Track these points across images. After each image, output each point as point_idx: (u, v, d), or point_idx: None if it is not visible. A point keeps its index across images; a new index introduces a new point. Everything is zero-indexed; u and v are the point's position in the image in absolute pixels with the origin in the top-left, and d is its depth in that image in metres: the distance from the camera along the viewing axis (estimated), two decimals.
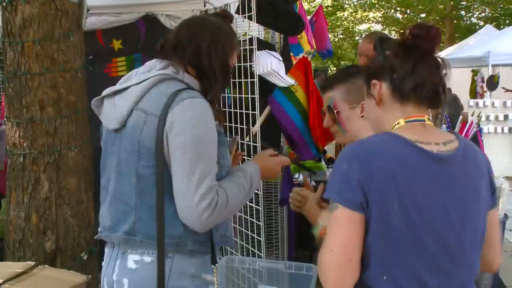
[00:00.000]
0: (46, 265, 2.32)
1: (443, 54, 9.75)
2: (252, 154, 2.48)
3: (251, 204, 2.59)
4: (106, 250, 1.64)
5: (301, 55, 3.56)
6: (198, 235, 1.51)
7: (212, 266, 1.63)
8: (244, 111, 2.60)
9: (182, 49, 1.56)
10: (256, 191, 2.46)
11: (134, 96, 1.51)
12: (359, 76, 1.67)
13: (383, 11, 20.97)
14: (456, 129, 2.84)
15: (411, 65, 1.20)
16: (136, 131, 1.47)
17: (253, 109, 2.55)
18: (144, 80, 1.53)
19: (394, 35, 23.96)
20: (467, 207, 1.18)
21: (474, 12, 20.27)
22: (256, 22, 2.73)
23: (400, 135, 1.18)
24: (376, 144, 1.18)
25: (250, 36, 2.86)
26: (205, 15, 1.73)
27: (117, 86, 1.60)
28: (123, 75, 1.66)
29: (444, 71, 1.23)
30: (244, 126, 2.74)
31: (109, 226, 1.57)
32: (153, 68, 1.57)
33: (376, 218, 1.12)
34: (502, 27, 15.78)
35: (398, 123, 1.23)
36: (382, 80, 1.25)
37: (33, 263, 2.27)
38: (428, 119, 1.25)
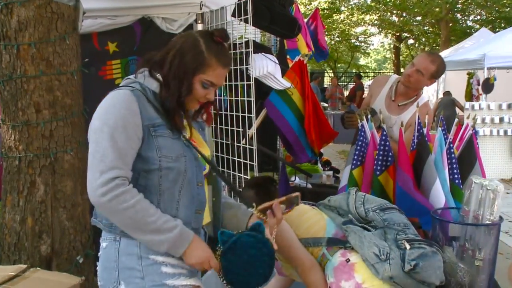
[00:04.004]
0: (38, 268, 2.31)
1: None
2: (248, 156, 2.48)
3: None
4: None
5: (297, 58, 3.56)
6: None
7: None
8: (240, 114, 2.60)
9: (155, 55, 1.61)
10: None
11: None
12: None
13: (379, 14, 21.00)
14: (452, 132, 2.84)
15: None
16: None
17: (249, 112, 2.55)
18: None
19: (389, 38, 24.01)
20: None
21: (470, 15, 20.34)
22: (252, 25, 2.73)
23: None
24: None
25: (246, 39, 2.87)
26: (199, 31, 1.69)
27: None
28: (117, 78, 1.69)
29: None
30: (240, 129, 2.74)
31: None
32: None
33: None
34: (497, 30, 15.85)
35: None
36: None
37: (25, 266, 2.27)
38: None
